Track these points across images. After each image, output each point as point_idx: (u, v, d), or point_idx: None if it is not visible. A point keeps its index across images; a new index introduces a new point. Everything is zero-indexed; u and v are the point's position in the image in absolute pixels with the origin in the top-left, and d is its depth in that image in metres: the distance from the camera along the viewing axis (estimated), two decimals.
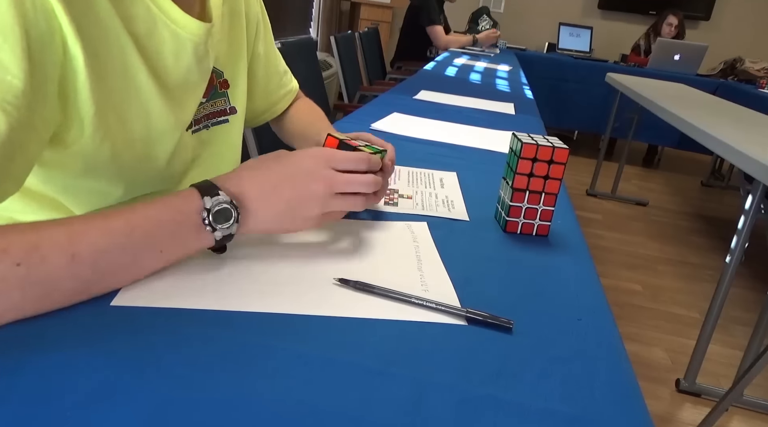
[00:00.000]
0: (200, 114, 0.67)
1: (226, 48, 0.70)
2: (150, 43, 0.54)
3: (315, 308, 0.44)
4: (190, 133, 0.66)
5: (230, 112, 0.73)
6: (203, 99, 0.67)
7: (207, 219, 0.44)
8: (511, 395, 0.37)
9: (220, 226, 0.45)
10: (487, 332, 0.44)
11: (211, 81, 0.67)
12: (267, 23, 0.83)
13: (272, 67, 0.85)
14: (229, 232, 0.46)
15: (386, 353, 0.40)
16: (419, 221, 0.65)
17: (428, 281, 0.51)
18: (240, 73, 0.73)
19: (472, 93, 1.87)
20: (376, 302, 0.46)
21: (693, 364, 1.58)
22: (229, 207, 0.45)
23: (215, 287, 0.45)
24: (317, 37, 4.68)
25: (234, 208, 0.45)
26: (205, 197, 0.45)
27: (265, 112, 0.89)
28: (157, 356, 0.36)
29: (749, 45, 4.86)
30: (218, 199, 0.45)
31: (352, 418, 0.33)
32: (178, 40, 0.56)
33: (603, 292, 0.55)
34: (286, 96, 0.90)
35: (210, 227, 0.45)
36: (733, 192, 3.85)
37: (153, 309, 0.41)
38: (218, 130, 0.71)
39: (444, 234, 0.63)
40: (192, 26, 0.57)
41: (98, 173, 0.55)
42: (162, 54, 0.56)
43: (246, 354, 0.37)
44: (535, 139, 0.63)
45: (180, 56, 0.57)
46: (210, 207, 0.44)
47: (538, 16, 5.23)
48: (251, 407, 0.33)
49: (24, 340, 0.36)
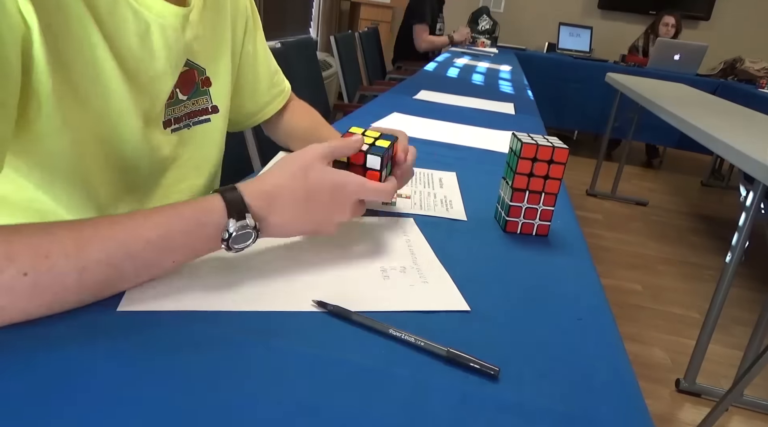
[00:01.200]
0: (181, 112, 0.65)
1: (208, 45, 0.67)
2: (111, 21, 0.51)
3: (312, 306, 0.44)
4: (170, 132, 0.64)
5: (212, 111, 0.71)
6: (184, 97, 0.65)
7: (227, 241, 0.44)
8: (510, 395, 0.37)
9: (236, 246, 0.45)
10: (487, 332, 0.44)
11: (192, 78, 0.66)
12: (257, 20, 0.80)
13: (262, 66, 0.82)
14: (242, 249, 0.46)
15: (386, 353, 0.40)
16: (417, 220, 0.65)
17: (426, 275, 0.51)
18: (222, 71, 0.71)
19: (472, 93, 1.87)
20: (371, 295, 0.46)
21: (693, 364, 1.57)
22: (251, 232, 0.45)
23: (218, 288, 0.45)
24: (317, 37, 4.68)
25: (255, 233, 0.46)
26: (231, 219, 0.44)
27: (256, 114, 0.86)
28: (160, 358, 0.36)
29: (749, 45, 4.86)
30: (244, 223, 0.44)
31: (352, 418, 0.33)
32: (142, 21, 0.54)
33: (603, 292, 0.54)
34: (278, 97, 0.87)
35: (225, 246, 0.45)
36: (733, 192, 3.85)
37: (158, 312, 0.41)
38: (200, 130, 0.69)
39: (444, 234, 0.62)
40: (158, 7, 0.55)
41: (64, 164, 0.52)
42: (124, 33, 0.53)
43: (247, 354, 0.37)
44: (535, 139, 0.63)
45: (145, 39, 0.55)
46: (232, 231, 0.44)
47: (538, 16, 5.23)
48: (252, 408, 0.33)
49: (29, 342, 0.36)
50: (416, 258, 0.55)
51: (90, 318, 0.39)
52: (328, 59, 3.79)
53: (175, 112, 0.65)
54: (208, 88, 0.69)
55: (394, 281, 0.50)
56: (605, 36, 5.07)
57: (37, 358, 0.34)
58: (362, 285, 0.49)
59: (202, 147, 0.70)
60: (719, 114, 2.11)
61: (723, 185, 3.99)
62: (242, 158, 1.30)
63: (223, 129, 0.74)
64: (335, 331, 0.42)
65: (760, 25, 4.95)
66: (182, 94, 0.65)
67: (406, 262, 0.54)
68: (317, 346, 0.39)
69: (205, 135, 0.70)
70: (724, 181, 4.02)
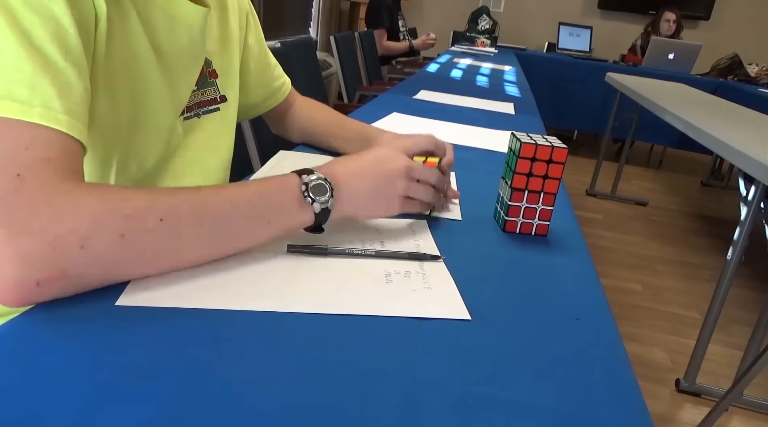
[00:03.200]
0: (191, 101, 0.68)
1: (213, 37, 0.71)
2: (148, 16, 0.56)
3: (313, 306, 0.44)
4: (182, 120, 0.67)
5: (221, 101, 0.74)
6: (195, 87, 0.68)
7: (306, 192, 0.49)
8: (508, 394, 0.37)
9: (318, 198, 0.50)
10: (486, 330, 0.44)
11: (201, 70, 0.68)
12: (255, 15, 0.85)
13: (264, 59, 0.87)
14: (326, 206, 0.51)
15: (382, 351, 0.40)
16: (413, 219, 0.65)
17: (431, 280, 0.51)
18: (229, 63, 0.75)
19: (471, 93, 1.87)
20: (370, 298, 0.46)
21: (693, 364, 1.57)
22: (324, 183, 0.51)
23: (217, 287, 0.45)
24: (317, 37, 4.68)
25: (328, 184, 0.51)
26: (303, 175, 0.50)
27: (259, 105, 0.90)
28: (159, 355, 0.36)
29: (749, 45, 4.86)
30: (313, 176, 0.51)
31: (349, 417, 0.33)
32: (172, 19, 0.58)
33: (603, 291, 0.54)
34: (280, 89, 0.91)
35: (310, 199, 0.49)
36: (733, 192, 3.85)
37: (156, 309, 0.41)
38: (209, 119, 0.72)
39: (443, 234, 0.62)
40: (185, 8, 0.59)
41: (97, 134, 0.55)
42: (158, 30, 0.58)
43: (246, 353, 0.37)
44: (534, 139, 0.63)
45: (174, 35, 0.59)
46: (307, 182, 0.50)
47: (538, 16, 5.23)
48: (250, 407, 0.33)
49: (26, 337, 0.36)
50: (422, 263, 0.54)
51: (87, 311, 0.39)
52: (328, 59, 3.79)
53: (188, 101, 0.67)
54: (215, 79, 0.73)
55: (396, 286, 0.49)
56: (605, 36, 5.07)
57: (34, 351, 0.34)
58: (363, 288, 0.48)
59: (211, 135, 0.73)
60: (719, 114, 2.11)
61: (723, 185, 3.99)
62: (242, 158, 1.30)
63: (233, 118, 0.78)
64: (332, 331, 0.42)
65: (760, 25, 4.95)
66: (194, 84, 0.68)
67: (411, 266, 0.53)
68: (314, 345, 0.39)
69: (214, 124, 0.74)
70: (724, 181, 4.02)
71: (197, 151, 0.71)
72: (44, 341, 0.36)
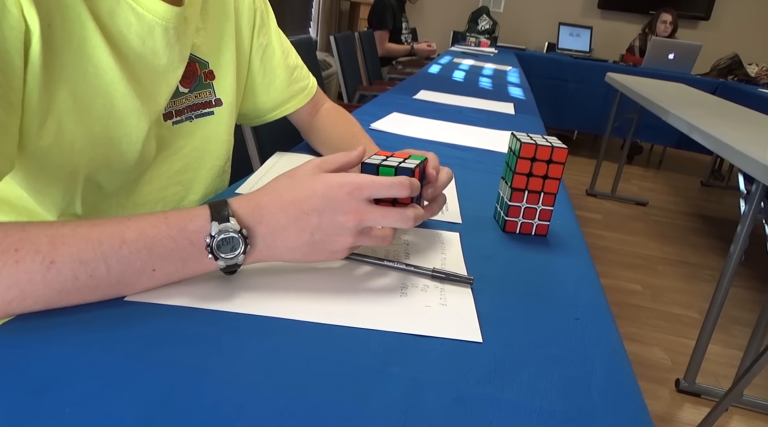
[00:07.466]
0: (183, 105, 0.65)
1: (210, 38, 0.68)
2: (112, 24, 0.52)
3: (316, 316, 0.43)
4: (170, 125, 0.64)
5: (215, 104, 0.70)
6: (185, 89, 0.65)
7: (210, 246, 0.41)
8: (508, 395, 0.37)
9: (223, 255, 0.42)
10: (485, 331, 0.44)
11: (194, 71, 0.65)
12: (270, 15, 0.80)
13: (277, 61, 0.81)
14: (234, 262, 0.43)
15: (383, 352, 0.40)
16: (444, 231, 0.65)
17: (448, 297, 0.48)
18: (226, 64, 0.71)
19: (471, 93, 1.87)
20: (379, 313, 0.45)
21: (693, 364, 1.57)
22: (236, 236, 0.42)
23: (227, 289, 0.45)
24: (317, 36, 4.68)
25: (242, 239, 0.42)
26: (213, 222, 0.42)
27: (274, 110, 0.84)
28: (160, 353, 0.36)
29: (749, 45, 4.86)
30: (226, 226, 0.41)
31: (349, 417, 0.33)
32: (145, 23, 0.54)
33: (603, 291, 0.54)
34: (299, 94, 0.85)
35: (212, 255, 0.42)
36: (733, 192, 3.85)
37: (162, 306, 0.41)
38: (203, 123, 0.69)
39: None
40: (160, 9, 0.55)
41: (52, 165, 0.52)
42: (126, 36, 0.53)
43: (246, 354, 0.37)
44: (534, 139, 0.63)
45: (146, 40, 0.55)
46: (215, 234, 0.41)
47: (538, 16, 5.23)
48: (250, 406, 0.33)
49: (30, 331, 0.36)
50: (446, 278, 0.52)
51: (92, 306, 0.39)
52: (328, 59, 3.80)
53: (176, 105, 0.64)
54: (211, 81, 0.69)
55: (409, 300, 0.47)
56: (605, 36, 5.07)
57: (36, 347, 0.34)
58: (373, 299, 0.46)
59: (205, 140, 0.70)
60: (719, 114, 2.11)
61: (723, 185, 3.99)
62: (242, 159, 1.30)
63: (230, 123, 0.74)
64: (333, 331, 0.42)
65: (759, 25, 4.95)
66: (183, 87, 0.65)
67: (431, 280, 0.51)
68: (314, 345, 0.39)
69: (208, 128, 0.70)
70: (724, 181, 4.02)
71: (189, 156, 0.68)
72: (44, 341, 0.36)
